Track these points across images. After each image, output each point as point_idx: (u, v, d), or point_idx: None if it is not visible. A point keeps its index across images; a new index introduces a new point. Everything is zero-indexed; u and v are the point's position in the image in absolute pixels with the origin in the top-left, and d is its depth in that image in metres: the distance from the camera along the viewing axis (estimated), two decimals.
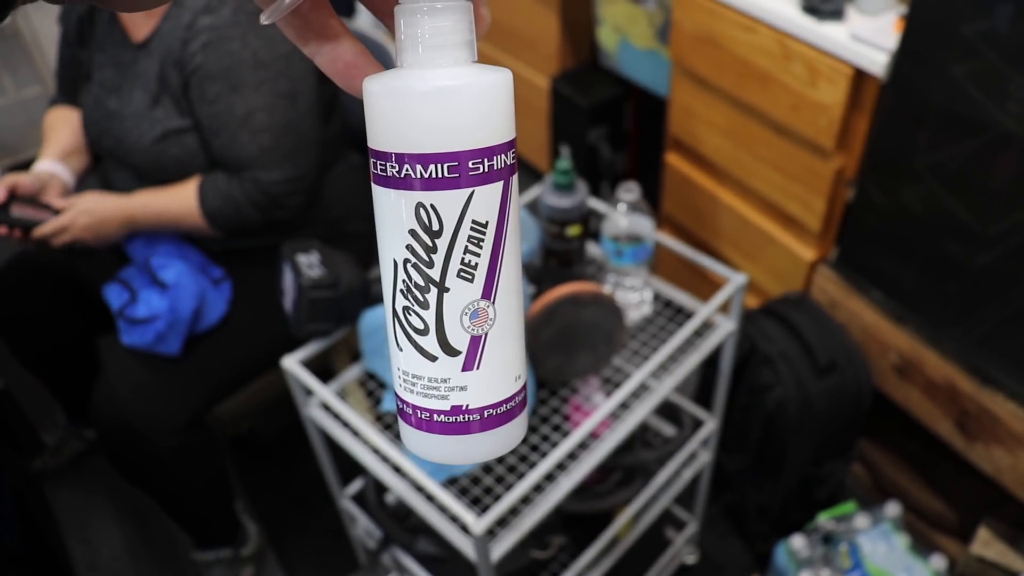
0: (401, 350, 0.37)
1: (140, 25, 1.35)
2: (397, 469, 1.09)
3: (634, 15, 2.00)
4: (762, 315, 1.60)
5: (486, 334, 0.37)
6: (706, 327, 1.29)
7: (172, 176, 1.39)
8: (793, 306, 1.58)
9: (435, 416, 0.37)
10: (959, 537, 1.66)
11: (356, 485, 1.38)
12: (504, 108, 0.35)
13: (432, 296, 0.36)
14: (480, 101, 0.34)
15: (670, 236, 2.02)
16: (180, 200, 1.38)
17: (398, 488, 1.08)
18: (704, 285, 1.90)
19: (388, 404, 1.19)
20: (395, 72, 0.35)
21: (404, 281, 0.36)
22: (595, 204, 1.33)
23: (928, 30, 1.27)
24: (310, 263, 1.18)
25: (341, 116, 1.54)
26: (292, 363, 1.17)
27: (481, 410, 0.38)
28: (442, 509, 1.05)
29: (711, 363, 1.58)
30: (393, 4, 0.35)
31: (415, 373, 0.37)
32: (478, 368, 0.37)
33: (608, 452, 1.12)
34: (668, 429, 1.51)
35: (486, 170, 0.34)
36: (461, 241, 0.35)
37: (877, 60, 1.34)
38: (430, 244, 0.35)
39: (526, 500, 1.06)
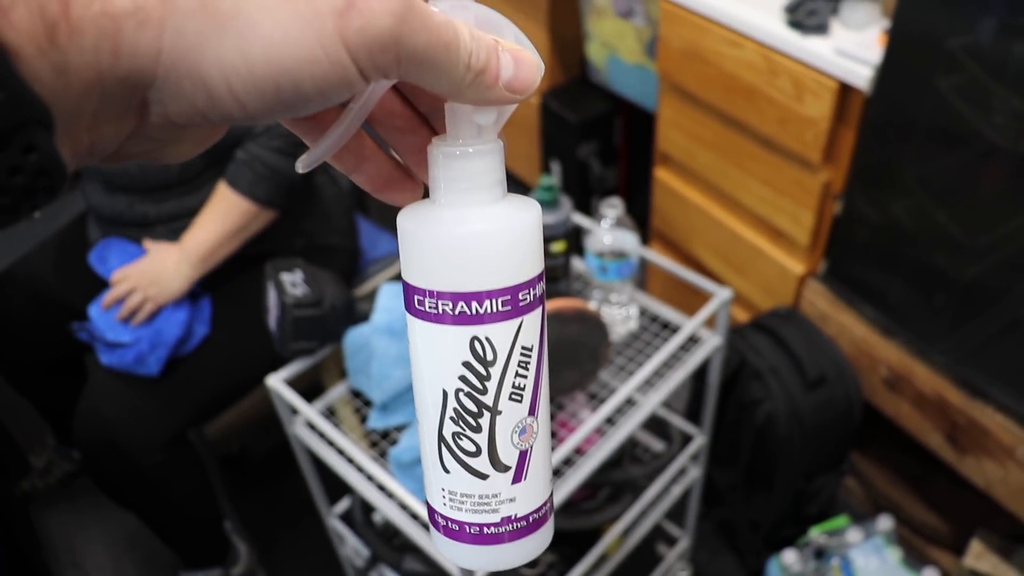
0: (448, 472, 0.38)
1: None
2: (382, 488, 1.09)
3: (623, 31, 2.00)
4: (751, 329, 1.59)
5: (531, 446, 0.38)
6: (693, 342, 1.29)
7: (135, 181, 1.40)
8: (782, 320, 1.58)
9: (485, 529, 0.39)
10: (952, 550, 1.66)
11: (344, 504, 1.38)
12: (540, 241, 0.37)
13: (485, 420, 0.37)
14: (532, 236, 0.36)
15: (659, 252, 2.02)
16: (222, 209, 1.38)
17: (384, 507, 1.07)
18: (696, 301, 1.89)
19: (373, 422, 1.18)
20: (433, 210, 0.36)
21: (455, 409, 0.37)
22: (580, 220, 1.33)
23: (911, 44, 1.27)
24: (294, 281, 1.18)
25: None
26: (276, 382, 1.17)
27: (527, 516, 0.39)
28: (427, 527, 1.04)
29: (701, 378, 1.57)
30: (413, 141, 0.36)
31: (464, 492, 0.38)
32: (525, 479, 0.39)
33: (595, 468, 1.11)
34: (658, 445, 1.51)
35: (532, 299, 0.36)
36: (512, 367, 0.36)
37: (862, 74, 1.34)
38: (484, 373, 0.36)
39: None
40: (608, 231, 1.24)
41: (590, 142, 2.24)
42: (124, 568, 1.86)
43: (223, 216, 1.38)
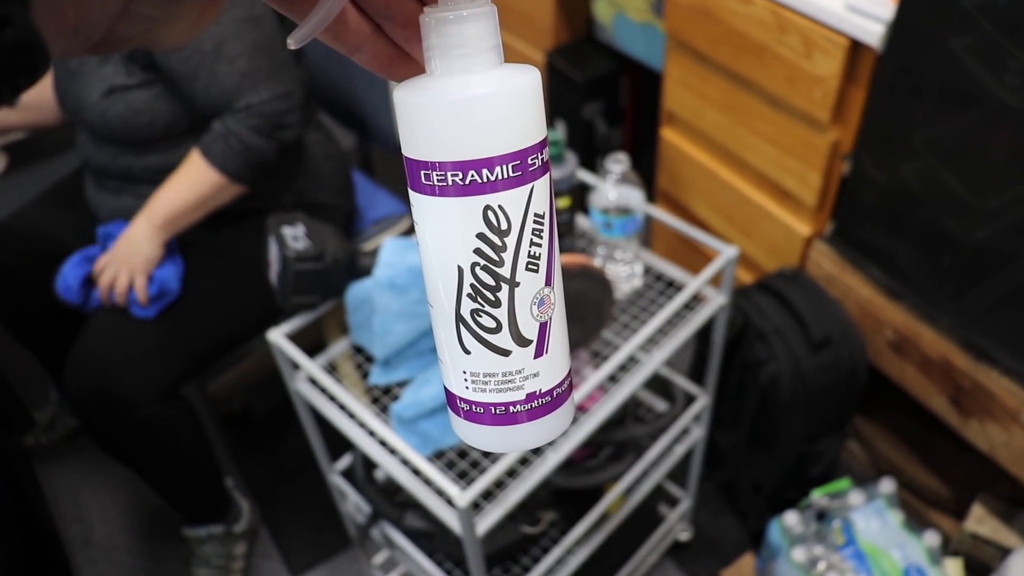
0: (469, 353, 0.38)
1: None
2: (384, 444, 1.08)
3: None
4: (756, 290, 1.58)
5: (550, 319, 0.38)
6: (697, 301, 1.28)
7: (118, 133, 1.41)
8: (788, 281, 1.57)
9: (511, 408, 0.39)
10: (953, 514, 1.66)
11: (345, 460, 1.38)
12: (542, 104, 0.36)
13: (504, 293, 0.36)
14: (534, 98, 0.35)
15: (664, 210, 2.01)
16: (193, 176, 1.39)
17: (386, 463, 1.07)
18: (701, 262, 1.89)
19: (375, 378, 1.18)
20: (432, 81, 0.35)
21: (472, 285, 0.36)
22: (585, 176, 1.31)
23: (925, 1, 1.24)
24: (295, 235, 1.17)
25: (305, 68, 1.56)
26: (278, 336, 1.16)
27: (552, 391, 0.39)
28: (428, 483, 1.04)
29: (704, 339, 1.57)
30: (401, 14, 0.36)
31: (487, 372, 0.38)
32: (547, 352, 0.38)
33: (597, 426, 1.11)
34: (661, 405, 1.50)
35: (540, 164, 0.36)
36: (527, 236, 0.36)
37: (873, 31, 1.32)
38: (499, 244, 0.35)
39: (513, 474, 1.05)
40: (613, 186, 1.23)
41: (596, 102, 2.21)
42: (129, 523, 1.87)
43: (191, 184, 1.39)
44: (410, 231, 1.71)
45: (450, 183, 0.34)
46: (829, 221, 1.61)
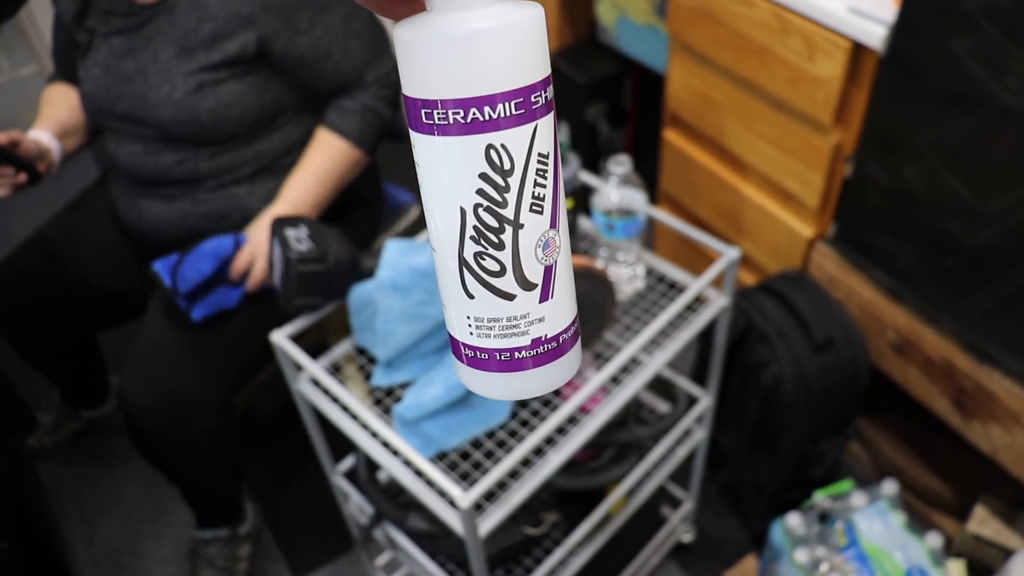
0: (473, 297, 0.37)
1: None
2: (387, 445, 1.09)
3: None
4: (759, 292, 1.59)
5: (556, 262, 0.37)
6: (699, 302, 1.28)
7: (204, 130, 1.38)
8: (790, 283, 1.57)
9: (516, 354, 0.38)
10: (956, 515, 1.66)
11: (348, 462, 1.38)
12: (545, 40, 0.35)
13: (507, 235, 0.36)
14: (538, 34, 0.34)
15: (666, 212, 2.01)
16: (332, 157, 1.41)
17: (388, 464, 1.07)
18: (702, 262, 1.89)
19: (378, 379, 1.18)
20: (432, 17, 0.34)
21: (475, 227, 0.36)
22: (587, 178, 1.31)
23: (927, 3, 1.25)
24: (298, 237, 1.17)
25: None
26: (281, 338, 1.16)
27: (557, 336, 0.38)
28: (430, 484, 1.04)
29: (707, 340, 1.57)
30: None
31: (491, 316, 0.37)
32: (552, 297, 0.38)
33: (599, 427, 1.11)
34: (663, 406, 1.51)
35: (544, 102, 0.35)
36: (531, 175, 0.35)
37: (875, 33, 1.32)
38: (503, 183, 0.35)
39: (515, 475, 1.05)
40: (615, 188, 1.23)
41: (599, 104, 2.22)
42: (132, 524, 1.88)
43: (331, 166, 1.41)
44: (417, 225, 1.71)
45: (451, 121, 0.34)
46: (831, 223, 1.61)
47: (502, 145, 0.34)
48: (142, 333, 1.45)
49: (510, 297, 0.37)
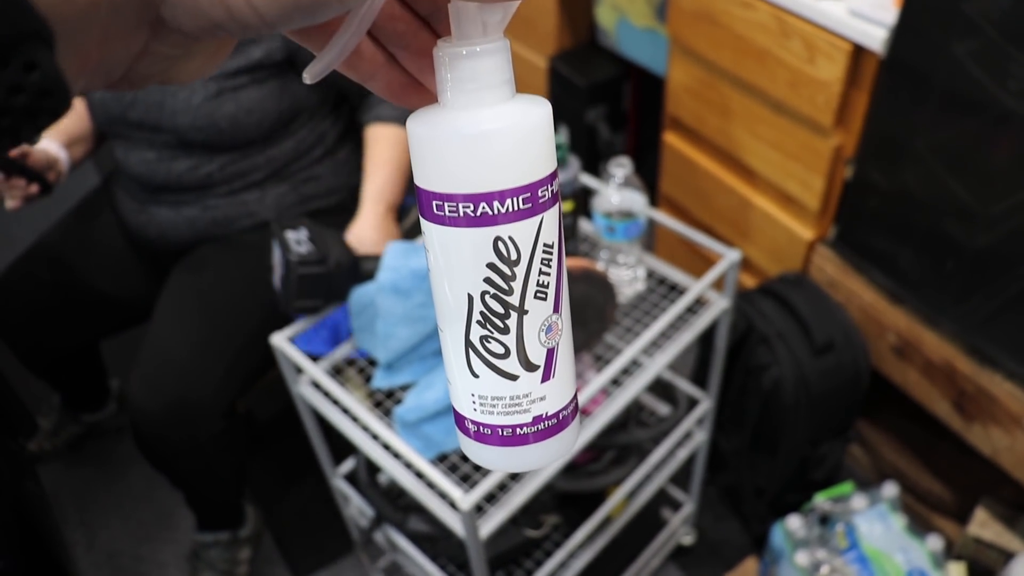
0: (478, 377, 0.39)
1: None
2: (387, 448, 1.09)
3: None
4: (759, 295, 1.59)
5: (558, 344, 0.39)
6: (700, 305, 1.28)
7: (223, 134, 1.38)
8: (791, 286, 1.57)
9: (518, 430, 0.39)
10: (956, 518, 1.66)
11: (348, 464, 1.38)
12: (552, 137, 0.37)
13: (512, 321, 0.37)
14: (546, 132, 0.36)
15: (667, 215, 2.01)
16: (389, 143, 1.42)
17: (389, 467, 1.07)
18: (703, 265, 1.88)
19: (378, 382, 1.18)
20: (445, 114, 0.35)
21: (482, 312, 0.37)
22: (588, 180, 1.31)
23: (928, 6, 1.25)
24: (298, 239, 1.17)
25: None
26: (281, 340, 1.16)
27: (558, 413, 0.40)
28: (431, 486, 1.04)
29: (707, 343, 1.57)
30: (415, 45, 0.36)
31: (495, 395, 0.39)
32: (554, 376, 0.39)
33: (599, 429, 1.11)
34: (663, 409, 1.51)
35: (550, 196, 0.36)
36: (536, 265, 0.37)
37: (876, 36, 1.32)
38: (509, 273, 0.36)
39: (516, 478, 1.05)
40: (616, 191, 1.23)
41: (599, 106, 2.22)
42: (133, 527, 1.88)
43: (398, 157, 1.42)
44: (418, 228, 1.71)
45: (462, 214, 0.35)
46: (832, 225, 1.61)
47: (510, 237, 0.35)
48: (148, 339, 1.44)
49: (513, 378, 0.38)
